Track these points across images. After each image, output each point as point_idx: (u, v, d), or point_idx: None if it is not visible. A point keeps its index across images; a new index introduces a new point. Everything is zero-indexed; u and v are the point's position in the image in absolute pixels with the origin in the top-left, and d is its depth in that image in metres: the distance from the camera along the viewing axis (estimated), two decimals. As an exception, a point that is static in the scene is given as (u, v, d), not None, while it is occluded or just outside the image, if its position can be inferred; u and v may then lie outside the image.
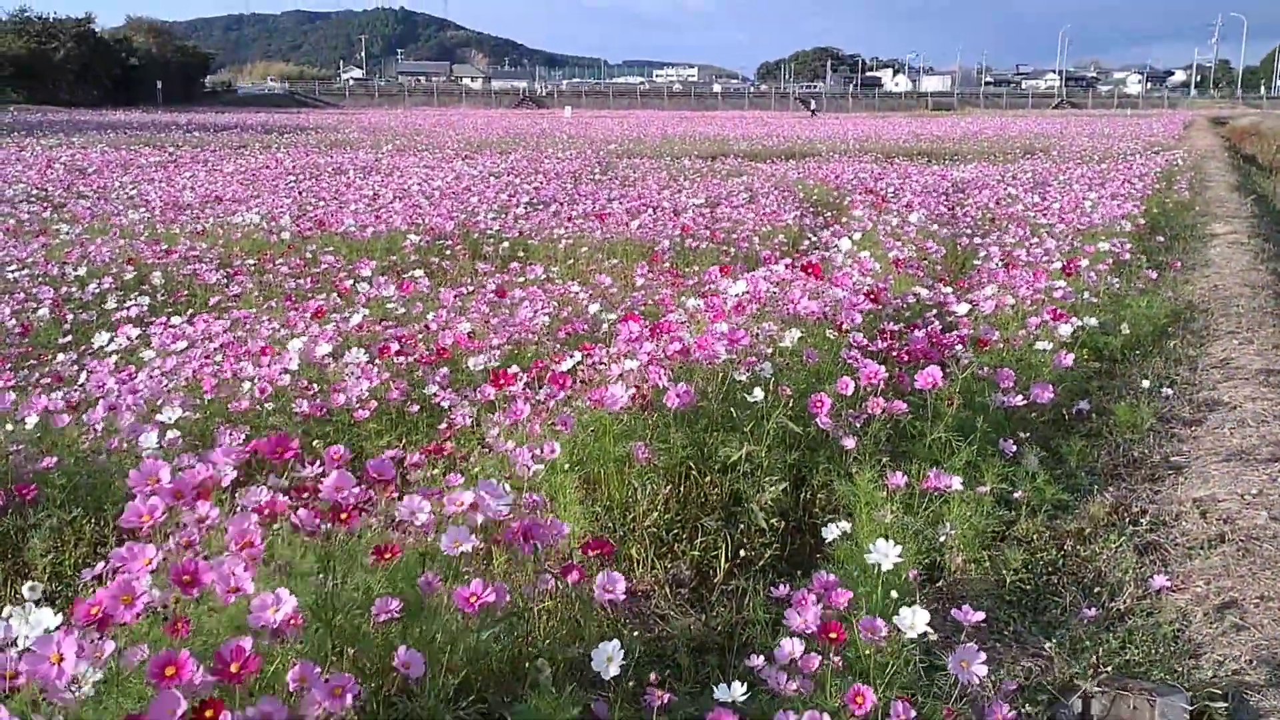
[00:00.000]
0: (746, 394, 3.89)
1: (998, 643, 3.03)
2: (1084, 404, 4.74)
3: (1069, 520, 3.74)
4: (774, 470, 3.72)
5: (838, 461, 3.83)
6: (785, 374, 4.05)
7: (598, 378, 3.94)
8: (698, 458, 3.82)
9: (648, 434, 3.70)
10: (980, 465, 3.77)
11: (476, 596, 2.28)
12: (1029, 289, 5.65)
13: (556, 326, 5.70)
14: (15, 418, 3.81)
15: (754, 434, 3.77)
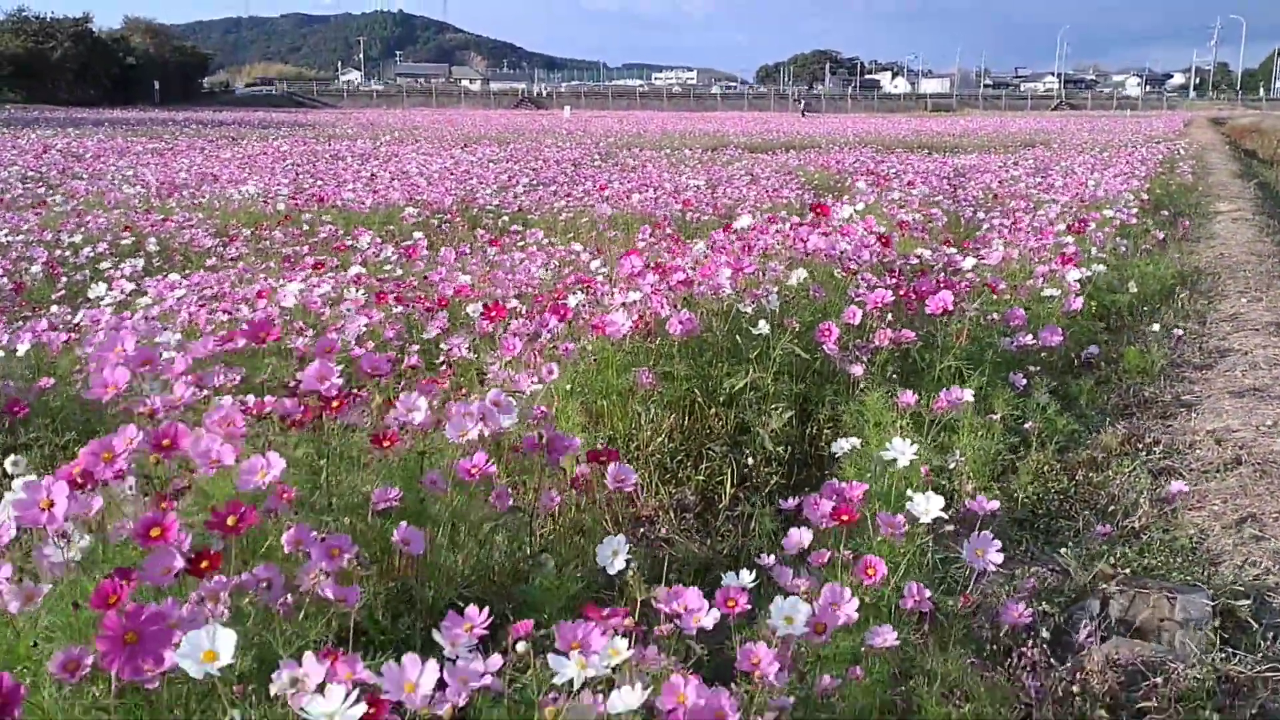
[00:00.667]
0: (751, 326, 3.82)
1: (1010, 559, 2.95)
2: (1093, 349, 4.67)
3: (1080, 451, 3.66)
4: (780, 398, 3.64)
5: (845, 393, 3.76)
6: (791, 307, 3.98)
7: (600, 311, 3.87)
8: (702, 390, 3.74)
9: (651, 362, 3.63)
10: (990, 396, 3.69)
11: (478, 468, 2.21)
12: (1036, 242, 5.58)
13: (557, 280, 5.62)
14: (8, 346, 3.73)
15: (760, 363, 3.70)
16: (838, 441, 3.05)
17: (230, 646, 1.41)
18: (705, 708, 1.51)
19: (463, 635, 1.71)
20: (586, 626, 1.57)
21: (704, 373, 3.78)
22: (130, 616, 1.54)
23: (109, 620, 1.52)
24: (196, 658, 1.40)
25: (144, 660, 1.54)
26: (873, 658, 2.02)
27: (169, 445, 1.97)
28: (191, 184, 11.69)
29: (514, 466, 2.85)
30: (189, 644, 1.41)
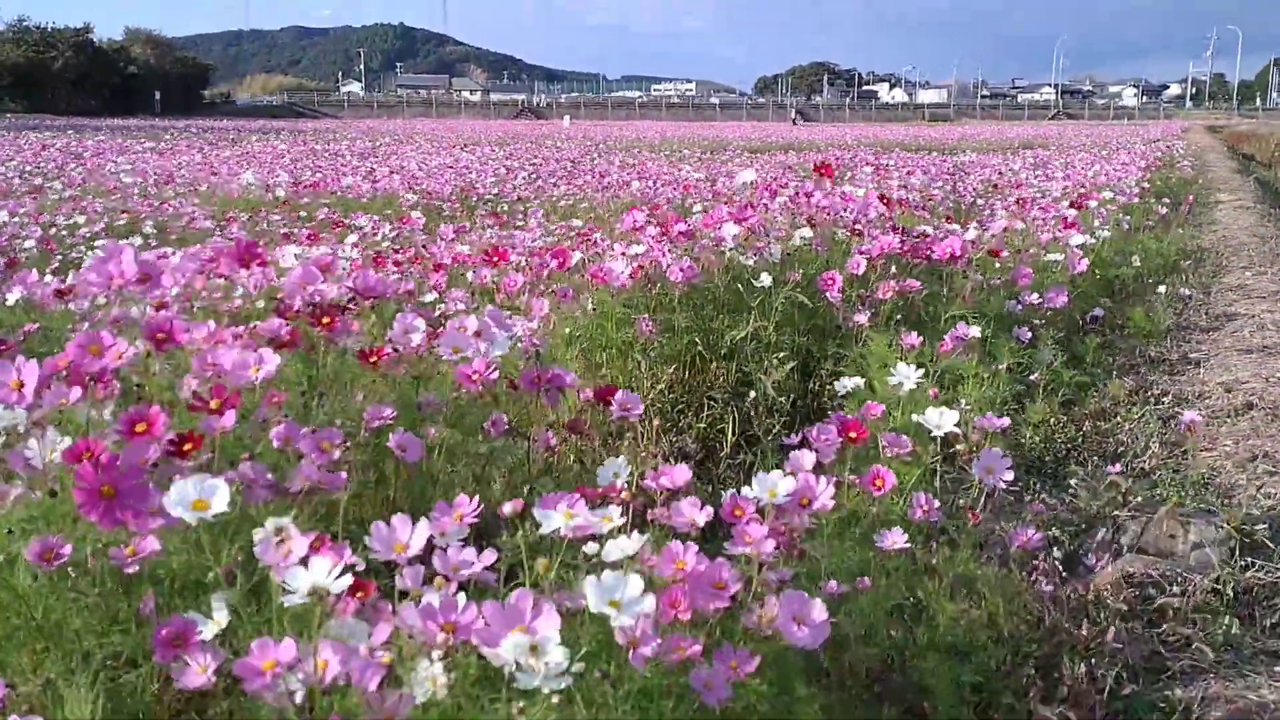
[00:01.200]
0: (753, 279, 3.76)
1: (1017, 502, 2.89)
2: (1098, 311, 4.61)
3: (1087, 404, 3.60)
4: (782, 348, 3.58)
5: (849, 346, 3.70)
6: (794, 260, 3.91)
7: (600, 262, 3.81)
8: (704, 342, 3.68)
9: (651, 312, 3.57)
10: (995, 349, 3.63)
11: (479, 374, 2.14)
12: (1040, 213, 5.53)
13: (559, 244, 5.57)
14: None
15: (762, 313, 3.64)
16: (840, 380, 2.98)
17: (225, 496, 1.35)
18: (705, 574, 1.44)
19: (452, 523, 1.64)
20: (572, 497, 1.51)
21: (705, 325, 3.72)
22: (106, 469, 1.47)
23: (84, 471, 1.45)
24: (186, 506, 1.34)
25: (122, 514, 1.47)
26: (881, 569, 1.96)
27: (164, 338, 1.90)
28: (189, 177, 11.64)
29: (513, 410, 2.78)
30: (177, 492, 1.34)
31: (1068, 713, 1.62)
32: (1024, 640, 1.85)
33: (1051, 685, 1.69)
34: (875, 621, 1.90)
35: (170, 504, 1.35)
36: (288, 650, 1.21)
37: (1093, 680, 1.68)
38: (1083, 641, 1.76)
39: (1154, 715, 1.68)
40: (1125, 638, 1.83)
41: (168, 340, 1.92)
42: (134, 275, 1.94)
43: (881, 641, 1.88)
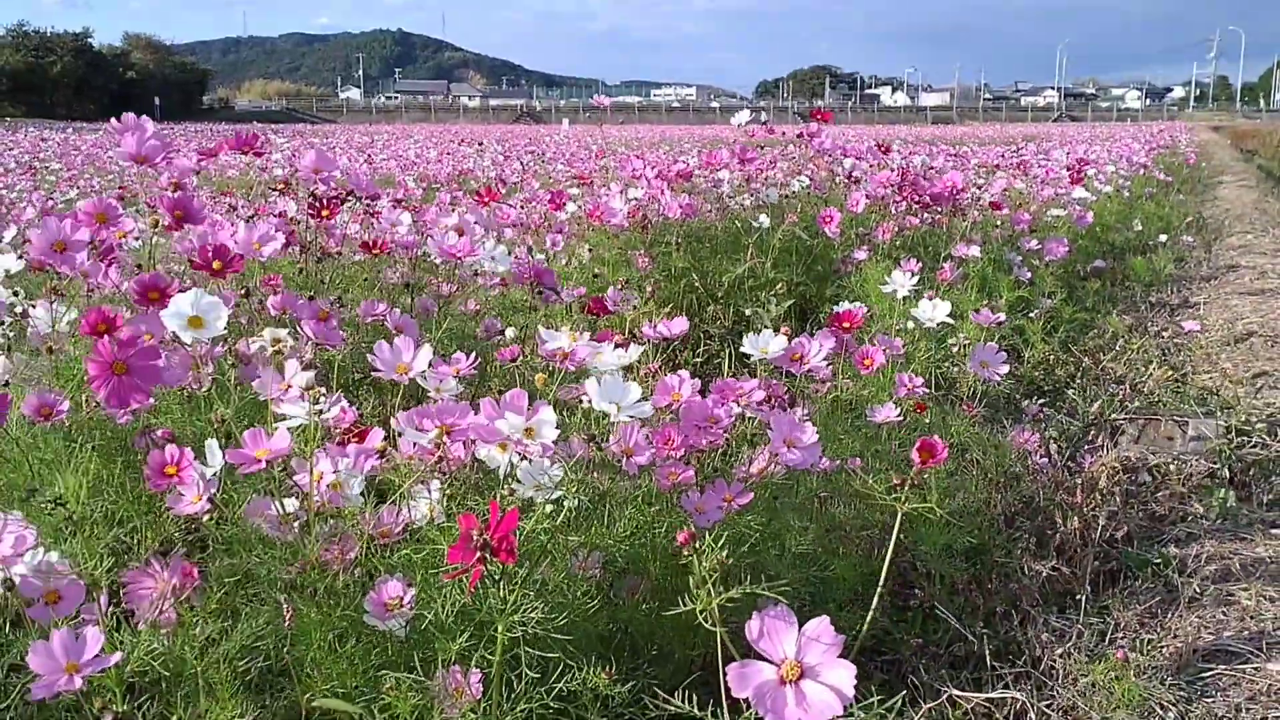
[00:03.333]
0: (752, 220, 3.76)
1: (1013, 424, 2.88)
2: (1099, 263, 4.60)
3: (1087, 340, 3.59)
4: (778, 284, 3.57)
5: (848, 284, 3.69)
6: (793, 202, 3.91)
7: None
8: (702, 285, 3.68)
9: (648, 248, 3.56)
10: (994, 288, 3.62)
11: (465, 250, 2.13)
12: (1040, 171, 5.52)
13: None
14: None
15: (759, 250, 3.63)
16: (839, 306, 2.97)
17: (222, 317, 1.34)
18: (699, 407, 1.44)
19: (450, 375, 1.63)
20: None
21: (702, 267, 3.72)
22: (123, 345, 1.45)
23: (101, 346, 1.44)
24: (182, 323, 1.33)
25: (130, 394, 1.45)
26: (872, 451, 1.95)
27: (180, 217, 1.89)
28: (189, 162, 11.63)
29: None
30: (174, 306, 1.33)
31: (1060, 565, 1.61)
32: (1017, 513, 1.84)
33: (1044, 545, 1.69)
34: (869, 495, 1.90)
35: (167, 317, 1.34)
36: (281, 440, 1.20)
37: (1086, 538, 1.67)
38: (1078, 505, 1.75)
39: (1146, 570, 1.67)
40: (1120, 504, 1.82)
41: (186, 218, 1.91)
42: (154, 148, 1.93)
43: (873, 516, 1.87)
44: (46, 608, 1.01)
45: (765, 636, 0.82)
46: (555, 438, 1.16)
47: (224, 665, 1.09)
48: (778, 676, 0.81)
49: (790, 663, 0.81)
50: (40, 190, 7.70)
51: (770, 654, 0.82)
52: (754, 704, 0.79)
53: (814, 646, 0.81)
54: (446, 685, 1.10)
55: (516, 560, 1.05)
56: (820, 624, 0.82)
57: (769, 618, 0.83)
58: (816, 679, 0.80)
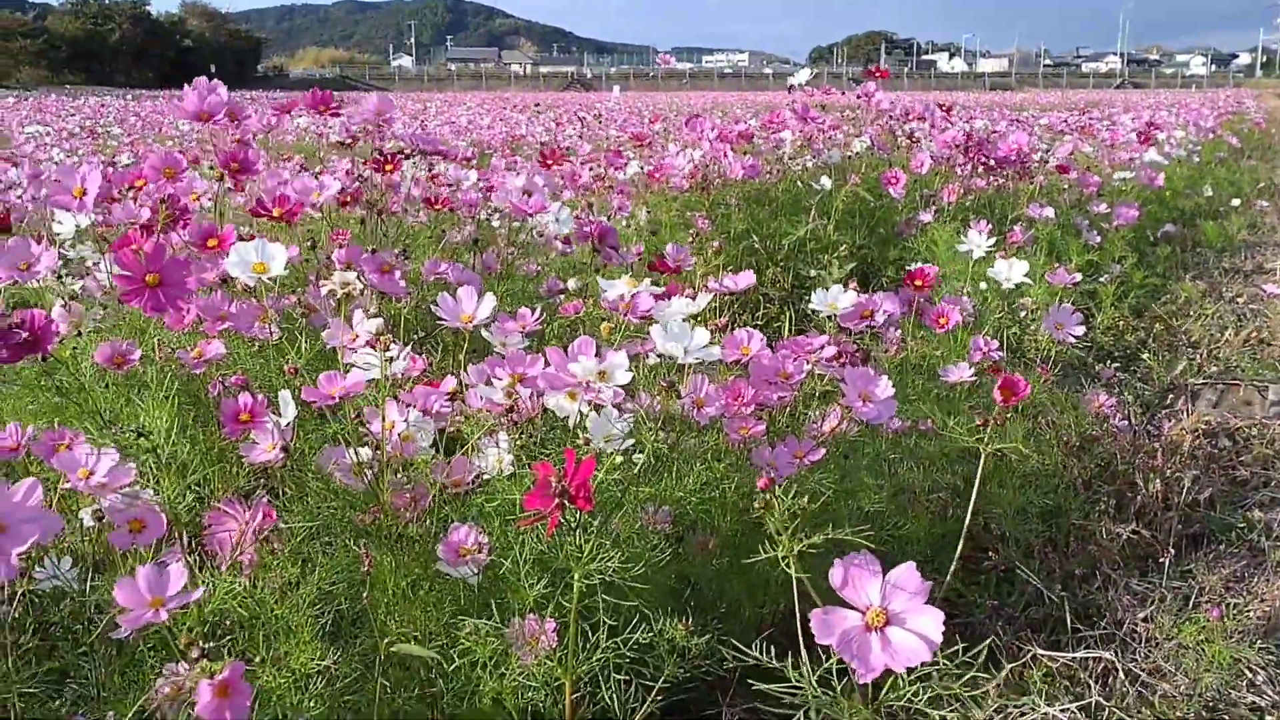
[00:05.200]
0: (813, 182, 3.71)
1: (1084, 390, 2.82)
2: (1169, 227, 4.48)
3: (1158, 306, 3.50)
4: (841, 246, 3.52)
5: (913, 246, 3.62)
6: (855, 163, 3.85)
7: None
8: (762, 250, 3.64)
9: (708, 209, 3.53)
10: (1063, 251, 3.54)
11: (536, 208, 2.12)
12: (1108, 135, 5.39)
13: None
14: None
15: (821, 213, 3.58)
16: (905, 268, 2.93)
17: (281, 260, 1.34)
18: (769, 363, 1.41)
19: (515, 330, 1.62)
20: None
21: (762, 229, 3.67)
22: (151, 258, 1.45)
23: (126, 258, 1.43)
24: (246, 269, 1.33)
25: (169, 302, 1.45)
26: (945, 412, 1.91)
27: (238, 169, 1.90)
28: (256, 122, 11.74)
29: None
30: (236, 255, 1.33)
31: (1140, 529, 1.57)
32: (1094, 476, 1.79)
33: (1123, 508, 1.64)
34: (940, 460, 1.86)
35: (230, 265, 1.34)
36: (354, 378, 1.19)
37: (1168, 501, 1.63)
38: (1159, 468, 1.71)
39: (1230, 534, 1.62)
40: (1202, 468, 1.77)
41: (243, 170, 1.91)
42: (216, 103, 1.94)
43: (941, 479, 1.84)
44: (130, 535, 1.01)
45: (849, 584, 0.80)
46: (627, 382, 1.14)
47: (303, 609, 1.09)
48: (862, 623, 0.79)
49: (875, 609, 0.79)
50: (101, 154, 7.81)
51: (854, 601, 0.80)
52: (838, 650, 0.77)
53: (899, 593, 0.79)
54: (523, 632, 1.10)
55: (593, 508, 1.03)
56: (906, 570, 0.80)
57: (853, 565, 0.81)
58: (903, 625, 0.78)
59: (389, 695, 1.18)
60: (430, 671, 1.21)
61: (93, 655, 1.29)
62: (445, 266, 2.22)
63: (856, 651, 0.77)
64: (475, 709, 1.16)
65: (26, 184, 4.32)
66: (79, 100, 21.33)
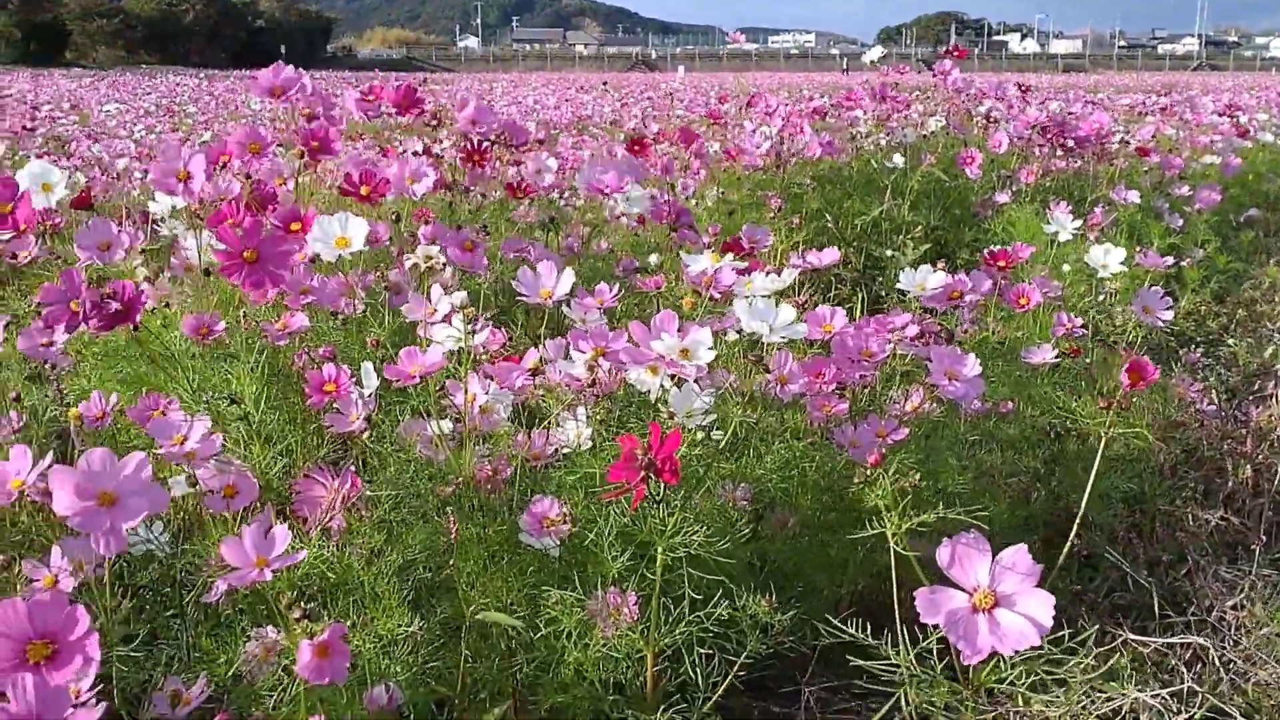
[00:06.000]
0: (886, 161, 3.66)
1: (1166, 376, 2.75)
2: (1253, 211, 4.36)
3: (1242, 291, 3.40)
4: (916, 227, 3.48)
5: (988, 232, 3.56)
6: (929, 143, 3.79)
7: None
8: (835, 230, 3.60)
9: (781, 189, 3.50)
10: (1143, 234, 3.46)
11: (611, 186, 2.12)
12: (1191, 117, 5.25)
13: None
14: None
15: (896, 193, 3.54)
16: (982, 249, 2.88)
17: (362, 234, 1.35)
18: (853, 342, 1.39)
19: (594, 306, 1.63)
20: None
21: (835, 209, 3.64)
22: (249, 234, 1.47)
23: (225, 233, 1.46)
24: (329, 243, 1.34)
25: (263, 278, 1.47)
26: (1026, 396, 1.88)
27: (318, 148, 1.92)
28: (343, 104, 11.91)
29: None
30: (320, 229, 1.35)
31: (1229, 515, 1.54)
32: (1179, 462, 1.75)
33: (1211, 494, 1.61)
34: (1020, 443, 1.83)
35: (312, 240, 1.36)
36: (434, 355, 1.20)
37: (1258, 487, 1.58)
38: (1249, 454, 1.66)
39: (1329, 525, 1.58)
40: (1296, 456, 1.73)
41: (322, 149, 1.93)
42: (290, 79, 1.96)
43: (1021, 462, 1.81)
44: (224, 500, 1.03)
45: (956, 563, 0.79)
46: (710, 359, 1.13)
47: (388, 575, 1.10)
48: (969, 604, 0.77)
49: (984, 591, 0.77)
50: (179, 131, 7.96)
51: (962, 581, 0.79)
52: (945, 630, 0.76)
53: (1009, 575, 0.78)
54: (605, 604, 1.10)
55: (679, 481, 1.03)
56: (1017, 552, 0.78)
57: (960, 544, 0.79)
58: (1011, 608, 0.77)
59: (470, 665, 1.19)
60: (510, 642, 1.22)
61: (183, 617, 1.32)
62: (524, 244, 2.23)
63: (963, 632, 0.76)
64: (556, 680, 1.17)
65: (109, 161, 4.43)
66: (155, 79, 21.76)
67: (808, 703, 1.33)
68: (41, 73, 25.53)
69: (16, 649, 0.69)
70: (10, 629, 0.69)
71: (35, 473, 0.99)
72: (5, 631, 0.69)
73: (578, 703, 1.17)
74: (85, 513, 0.80)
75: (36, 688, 0.67)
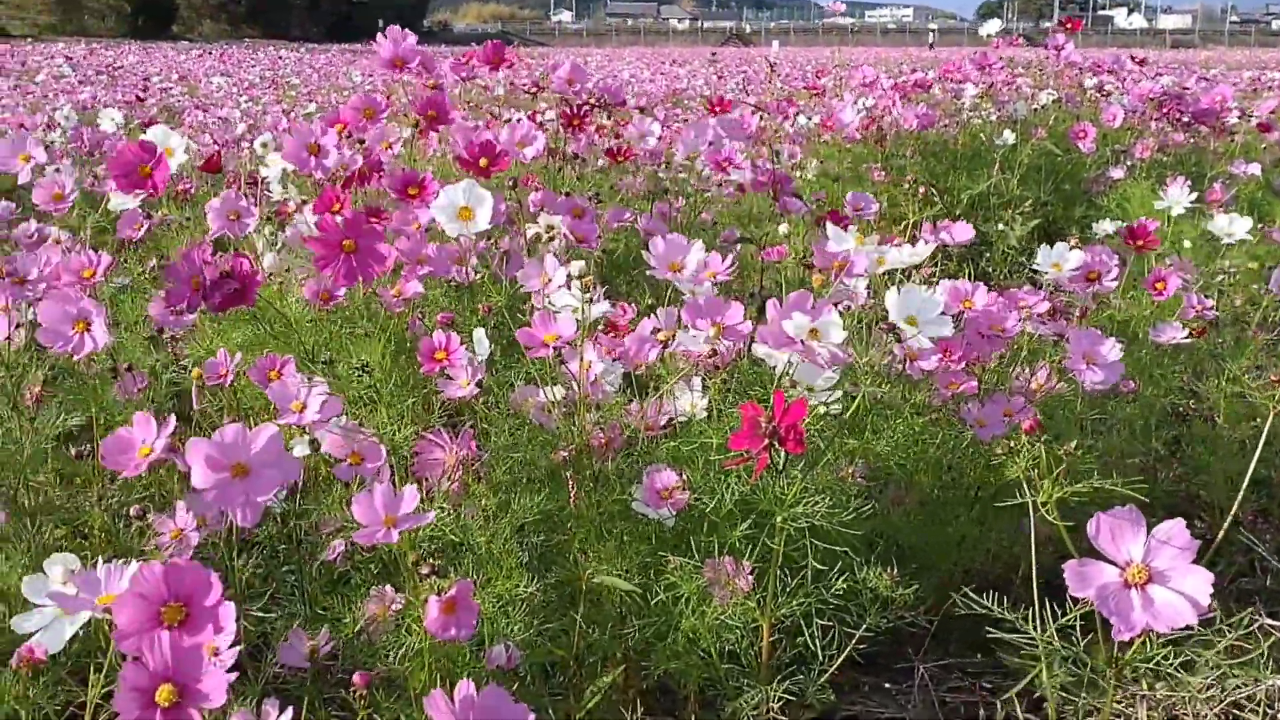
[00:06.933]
0: (995, 136, 3.57)
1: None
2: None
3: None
4: (1026, 201, 3.38)
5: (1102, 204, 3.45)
6: (1041, 116, 3.68)
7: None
8: (940, 204, 3.52)
9: (882, 161, 3.44)
10: (1266, 208, 3.31)
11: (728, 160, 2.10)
12: (1314, 91, 5.01)
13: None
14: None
15: (1004, 168, 3.44)
16: (1099, 224, 2.78)
17: (489, 209, 1.35)
18: (985, 313, 1.36)
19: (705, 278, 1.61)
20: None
21: (940, 184, 3.56)
22: (350, 224, 1.47)
23: (326, 222, 1.47)
24: (451, 214, 1.35)
25: (357, 269, 1.47)
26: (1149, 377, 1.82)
27: (435, 117, 1.93)
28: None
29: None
30: (445, 197, 1.35)
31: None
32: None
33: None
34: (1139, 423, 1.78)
35: (436, 209, 1.36)
36: (566, 324, 1.20)
37: None
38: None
39: None
40: None
41: (438, 119, 1.95)
42: (410, 51, 1.98)
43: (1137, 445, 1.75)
44: (350, 468, 1.04)
45: (1108, 536, 0.76)
46: (842, 340, 1.11)
47: (506, 537, 1.11)
48: (1121, 579, 0.75)
49: (1137, 566, 0.75)
50: (283, 103, 8.12)
51: (1113, 555, 0.76)
52: (1096, 605, 0.74)
53: (1165, 550, 0.75)
54: (722, 573, 1.09)
55: (804, 451, 1.01)
56: (1174, 526, 0.75)
57: (1113, 518, 0.77)
58: (1166, 584, 0.74)
59: (584, 630, 1.19)
60: (622, 608, 1.22)
61: (301, 575, 1.35)
62: (628, 215, 2.23)
63: (1116, 608, 0.73)
64: (668, 647, 1.16)
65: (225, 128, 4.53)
66: (257, 52, 22.24)
67: (923, 680, 1.31)
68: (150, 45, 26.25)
69: (152, 611, 0.71)
70: (147, 591, 0.71)
71: (162, 439, 1.00)
72: (142, 593, 0.71)
73: (690, 670, 1.16)
74: (220, 485, 0.81)
75: (173, 646, 0.68)
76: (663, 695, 1.30)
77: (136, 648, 0.70)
